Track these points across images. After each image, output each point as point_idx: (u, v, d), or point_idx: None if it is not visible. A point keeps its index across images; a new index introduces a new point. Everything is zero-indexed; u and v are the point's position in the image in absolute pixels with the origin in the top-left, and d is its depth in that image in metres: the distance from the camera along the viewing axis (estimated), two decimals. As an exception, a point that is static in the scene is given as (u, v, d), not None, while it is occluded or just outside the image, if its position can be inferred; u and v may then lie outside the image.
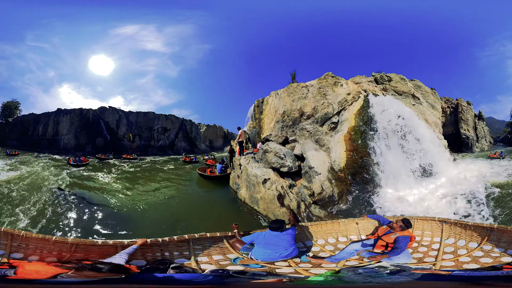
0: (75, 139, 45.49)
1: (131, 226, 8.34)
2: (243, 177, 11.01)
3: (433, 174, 12.24)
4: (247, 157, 12.56)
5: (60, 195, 11.39)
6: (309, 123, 13.74)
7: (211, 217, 9.45)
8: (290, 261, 3.83)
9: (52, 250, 3.32)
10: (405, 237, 3.89)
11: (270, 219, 8.70)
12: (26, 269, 2.48)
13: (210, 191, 13.74)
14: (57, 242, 3.35)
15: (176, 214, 9.76)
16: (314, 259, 3.92)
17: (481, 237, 4.00)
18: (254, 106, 19.90)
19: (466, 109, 34.47)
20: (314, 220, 8.15)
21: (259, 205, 9.45)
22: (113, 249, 3.50)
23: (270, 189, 9.21)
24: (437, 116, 18.38)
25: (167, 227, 8.33)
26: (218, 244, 4.28)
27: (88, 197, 11.52)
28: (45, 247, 3.34)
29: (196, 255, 3.97)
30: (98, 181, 16.13)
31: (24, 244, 3.34)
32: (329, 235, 4.90)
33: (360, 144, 12.38)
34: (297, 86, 15.85)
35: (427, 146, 13.41)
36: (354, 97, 15.12)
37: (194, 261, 3.78)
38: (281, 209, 8.59)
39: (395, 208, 9.40)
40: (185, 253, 3.96)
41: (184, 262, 3.75)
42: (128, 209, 9.91)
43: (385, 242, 4.02)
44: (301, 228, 4.89)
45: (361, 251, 4.04)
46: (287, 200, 8.79)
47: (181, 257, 3.86)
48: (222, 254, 4.12)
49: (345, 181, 10.86)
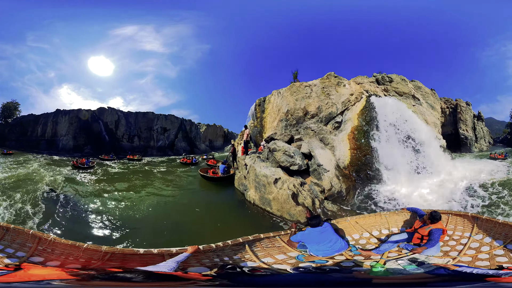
0: (73, 140, 45.21)
1: (133, 233, 7.81)
2: (250, 178, 10.83)
3: (432, 172, 12.67)
4: (252, 157, 12.57)
5: (52, 197, 10.94)
6: (313, 122, 14.01)
7: (221, 221, 8.99)
8: (345, 254, 4.00)
9: (80, 257, 3.22)
10: (437, 229, 4.07)
11: (285, 219, 8.56)
12: (28, 273, 2.37)
13: (215, 193, 13.36)
14: (88, 250, 3.24)
15: (183, 220, 9.09)
16: (363, 251, 4.15)
17: (508, 236, 3.95)
18: (256, 105, 19.77)
19: (465, 109, 34.83)
20: (329, 214, 8.41)
21: (271, 206, 9.22)
22: (159, 258, 3.33)
23: (282, 188, 9.13)
24: (436, 117, 18.72)
25: (174, 234, 7.80)
26: (273, 243, 4.30)
27: (86, 200, 11.05)
28: (72, 254, 3.25)
29: (258, 256, 3.92)
30: (100, 183, 15.33)
31: (49, 249, 3.31)
32: (373, 227, 5.10)
33: (364, 143, 12.70)
34: (300, 85, 16.05)
35: (427, 145, 13.87)
36: (356, 97, 15.45)
37: (260, 262, 3.74)
38: (296, 208, 8.53)
39: (397, 203, 9.76)
40: (246, 256, 3.90)
41: (251, 264, 3.68)
42: (127, 215, 9.34)
43: (420, 234, 4.21)
44: (346, 221, 5.10)
45: (400, 243, 4.29)
46: (301, 198, 8.82)
47: (244, 260, 3.80)
48: (283, 253, 4.14)
49: (350, 178, 11.20)
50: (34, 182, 13.91)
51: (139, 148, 47.76)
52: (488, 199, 9.55)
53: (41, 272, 2.56)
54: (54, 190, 12.26)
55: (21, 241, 3.49)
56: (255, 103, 20.00)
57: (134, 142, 49.50)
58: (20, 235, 3.53)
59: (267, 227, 8.28)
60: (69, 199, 10.97)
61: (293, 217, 8.51)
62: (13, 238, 3.54)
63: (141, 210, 9.85)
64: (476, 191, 10.43)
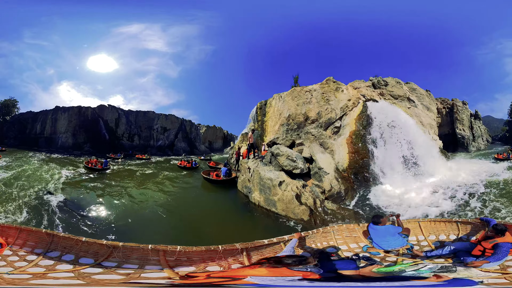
0: (73, 138, 44.68)
1: (138, 235, 8.19)
2: (255, 181, 11.40)
3: (427, 173, 13.52)
4: (255, 161, 13.22)
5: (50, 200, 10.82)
6: (314, 127, 14.77)
7: (227, 223, 9.59)
8: (401, 249, 4.49)
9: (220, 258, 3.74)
10: (506, 243, 3.74)
11: (290, 218, 9.40)
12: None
13: (219, 195, 13.74)
14: (226, 250, 3.76)
15: (189, 222, 9.53)
16: (415, 251, 4.46)
17: None
18: (257, 108, 20.23)
19: (462, 109, 34.67)
20: (329, 213, 9.32)
21: (277, 206, 10.00)
22: (279, 246, 4.12)
23: (287, 190, 9.92)
24: (432, 118, 19.30)
25: (180, 235, 8.35)
26: (352, 234, 5.03)
27: (89, 200, 11.20)
28: (212, 257, 3.71)
29: (339, 244, 4.73)
30: (112, 184, 15.24)
31: (185, 258, 3.66)
32: (442, 232, 5.17)
33: (361, 147, 13.51)
34: (300, 90, 16.66)
35: (422, 147, 14.75)
36: (354, 102, 16.24)
37: (340, 250, 4.50)
38: (300, 207, 9.37)
39: (393, 203, 10.56)
40: (330, 242, 4.74)
41: (333, 251, 4.48)
42: (132, 216, 9.64)
43: (483, 247, 3.93)
44: (417, 222, 5.38)
45: (460, 252, 4.15)
46: (303, 198, 9.68)
47: (328, 246, 4.64)
48: (356, 243, 4.87)
49: (349, 180, 12.03)
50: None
51: (138, 147, 47.50)
52: (480, 200, 9.95)
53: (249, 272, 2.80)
54: (51, 193, 11.73)
55: (140, 255, 3.68)
56: (256, 106, 20.38)
57: (134, 141, 49.20)
58: (135, 251, 3.72)
59: (271, 227, 9.09)
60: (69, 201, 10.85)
61: (297, 215, 9.32)
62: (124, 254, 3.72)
63: (152, 210, 10.48)
64: (471, 193, 10.73)
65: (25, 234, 4.31)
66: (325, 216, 9.29)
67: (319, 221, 9.03)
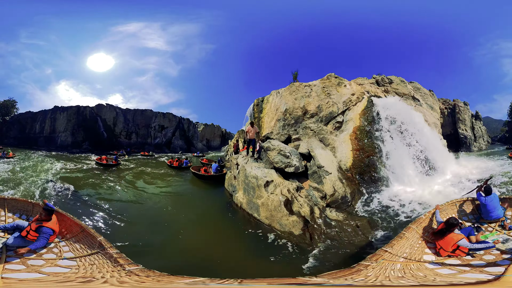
0: (72, 136, 45.44)
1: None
2: (240, 179, 9.79)
3: (438, 171, 12.15)
4: (246, 156, 11.92)
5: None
6: (313, 121, 13.33)
7: (204, 222, 8.58)
8: (499, 221, 5.05)
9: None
10: None
11: (275, 229, 7.40)
12: None
13: (203, 193, 12.96)
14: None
15: (166, 215, 8.91)
16: (506, 223, 4.96)
17: None
18: (254, 105, 19.41)
19: (463, 109, 35.29)
20: (334, 225, 7.30)
21: (259, 212, 8.03)
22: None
23: (274, 193, 7.97)
24: (436, 117, 18.46)
25: (154, 229, 7.55)
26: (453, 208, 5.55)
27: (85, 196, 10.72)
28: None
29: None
30: (104, 181, 14.57)
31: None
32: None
33: (367, 144, 12.01)
34: (299, 85, 15.48)
35: (431, 145, 13.34)
36: (358, 97, 14.81)
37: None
38: (289, 218, 7.23)
39: (407, 205, 9.07)
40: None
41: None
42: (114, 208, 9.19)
43: None
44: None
45: None
46: (296, 205, 7.60)
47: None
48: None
49: (354, 181, 10.42)
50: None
51: (136, 145, 48.20)
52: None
53: None
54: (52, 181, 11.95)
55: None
56: (253, 103, 19.65)
57: (132, 139, 49.86)
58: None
59: (251, 236, 7.26)
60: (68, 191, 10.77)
61: (284, 227, 7.25)
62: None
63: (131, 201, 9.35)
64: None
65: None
66: (327, 229, 7.18)
67: (318, 236, 6.87)
